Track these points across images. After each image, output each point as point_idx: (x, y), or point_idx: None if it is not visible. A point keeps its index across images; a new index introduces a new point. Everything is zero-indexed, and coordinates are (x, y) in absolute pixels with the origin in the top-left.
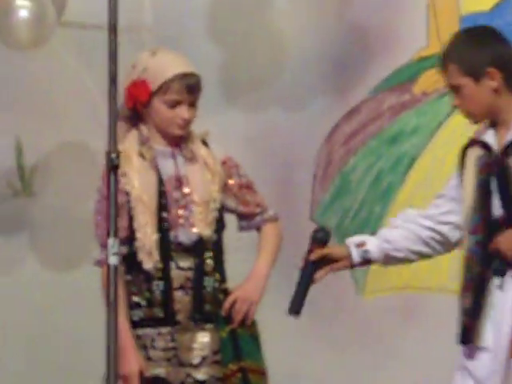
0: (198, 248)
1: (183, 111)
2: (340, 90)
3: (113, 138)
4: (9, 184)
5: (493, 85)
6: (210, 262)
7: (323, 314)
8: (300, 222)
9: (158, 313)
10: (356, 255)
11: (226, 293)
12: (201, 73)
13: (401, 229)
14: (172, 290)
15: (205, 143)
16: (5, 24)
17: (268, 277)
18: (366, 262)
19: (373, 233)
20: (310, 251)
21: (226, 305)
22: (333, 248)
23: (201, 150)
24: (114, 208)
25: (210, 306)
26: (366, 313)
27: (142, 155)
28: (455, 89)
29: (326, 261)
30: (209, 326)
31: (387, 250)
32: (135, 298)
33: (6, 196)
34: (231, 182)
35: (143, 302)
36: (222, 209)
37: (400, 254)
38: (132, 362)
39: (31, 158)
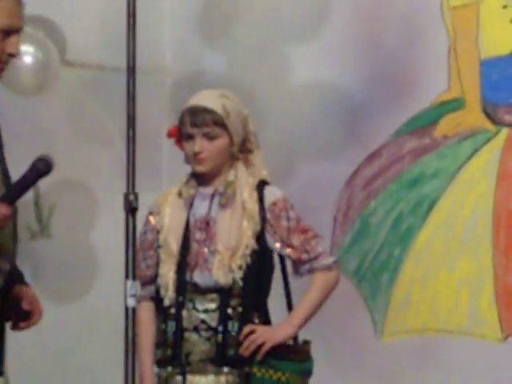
0: (219, 293)
1: (192, 145)
2: (361, 134)
3: (131, 181)
4: (27, 226)
5: None
6: (236, 307)
7: (341, 356)
8: None
9: (169, 353)
10: None
11: None
12: None
13: None
14: (183, 331)
15: (261, 186)
16: (9, 70)
17: (301, 326)
18: None
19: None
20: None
21: (244, 331)
22: None
23: (243, 194)
24: (132, 250)
25: (233, 350)
26: (385, 355)
27: (180, 194)
28: None
29: None
30: (229, 369)
31: None
32: (157, 338)
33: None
34: (278, 224)
35: (160, 342)
36: (263, 254)
37: None
38: None
39: (49, 199)
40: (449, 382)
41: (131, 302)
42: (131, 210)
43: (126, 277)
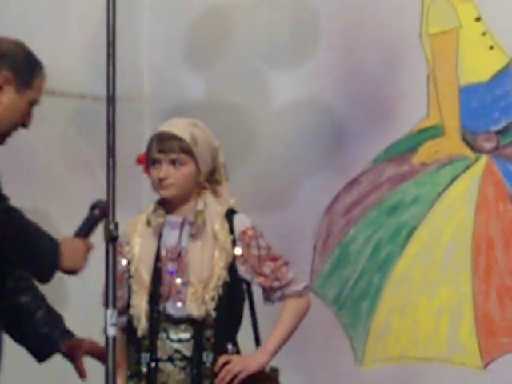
0: (192, 324)
1: (158, 170)
2: (340, 162)
3: (111, 210)
4: None
5: None
6: (210, 338)
7: None
8: None
9: None
10: None
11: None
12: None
13: None
14: (157, 361)
15: (230, 214)
16: None
17: (274, 353)
18: None
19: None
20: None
21: (219, 362)
22: None
23: (215, 225)
24: (113, 279)
25: (209, 381)
26: (365, 383)
27: (148, 222)
28: None
29: None
30: None
31: None
32: (129, 369)
33: None
34: (248, 253)
35: (133, 373)
36: (234, 284)
37: None
38: None
39: None
40: None
41: (112, 331)
42: (111, 238)
43: (106, 306)
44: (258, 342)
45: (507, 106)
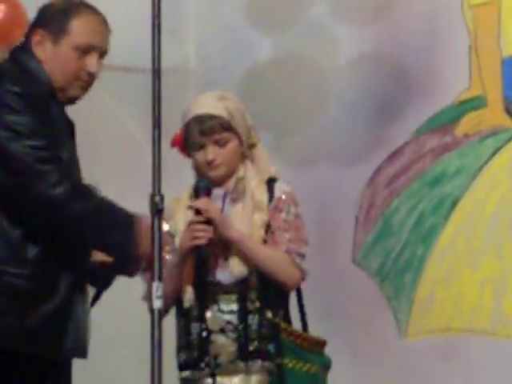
0: (239, 288)
1: (205, 154)
2: (382, 132)
3: (157, 182)
4: None
5: None
6: (254, 300)
7: (366, 356)
8: (342, 265)
9: (196, 356)
10: None
11: (277, 327)
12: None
13: None
14: (208, 333)
15: (271, 182)
16: None
17: (237, 242)
18: None
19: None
20: None
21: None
22: None
23: (254, 190)
24: (158, 251)
25: (256, 343)
26: (409, 355)
27: (191, 197)
28: None
29: None
30: (256, 363)
31: None
32: (179, 341)
33: None
34: (274, 218)
35: (184, 345)
36: None
37: None
38: None
39: None
40: (472, 381)
41: (157, 304)
42: (157, 211)
43: (152, 278)
44: (304, 321)
45: None
